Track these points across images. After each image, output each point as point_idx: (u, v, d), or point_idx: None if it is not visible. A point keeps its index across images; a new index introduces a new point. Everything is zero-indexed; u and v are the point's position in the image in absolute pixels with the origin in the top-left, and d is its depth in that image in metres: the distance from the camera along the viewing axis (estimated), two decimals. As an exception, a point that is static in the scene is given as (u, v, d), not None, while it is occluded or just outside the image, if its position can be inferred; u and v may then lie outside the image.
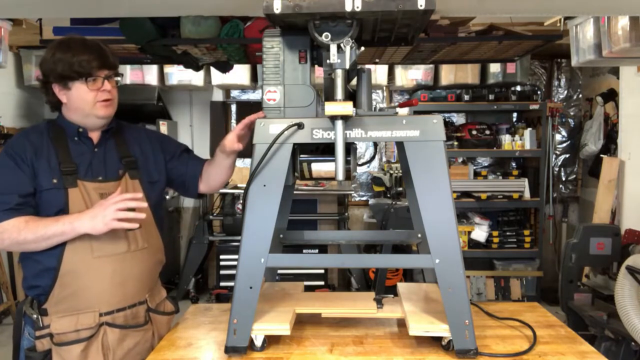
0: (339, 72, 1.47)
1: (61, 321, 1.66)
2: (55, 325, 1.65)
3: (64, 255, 1.64)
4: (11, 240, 1.62)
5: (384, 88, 5.53)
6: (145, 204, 1.71)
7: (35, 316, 1.67)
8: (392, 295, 1.82)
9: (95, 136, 1.77)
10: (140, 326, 1.76)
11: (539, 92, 5.27)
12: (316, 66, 1.66)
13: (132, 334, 1.73)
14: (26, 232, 1.60)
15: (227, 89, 5.67)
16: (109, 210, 1.59)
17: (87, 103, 1.69)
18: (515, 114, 5.52)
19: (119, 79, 1.77)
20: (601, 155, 4.52)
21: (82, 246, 1.65)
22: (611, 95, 4.51)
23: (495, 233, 4.95)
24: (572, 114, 5.59)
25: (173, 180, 1.94)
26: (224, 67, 3.17)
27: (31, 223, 1.62)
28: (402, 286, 1.92)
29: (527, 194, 4.96)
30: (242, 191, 1.60)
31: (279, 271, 2.31)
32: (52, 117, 1.81)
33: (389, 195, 5.05)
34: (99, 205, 1.62)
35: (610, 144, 4.57)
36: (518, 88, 5.10)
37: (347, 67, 1.44)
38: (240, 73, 5.03)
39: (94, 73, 1.68)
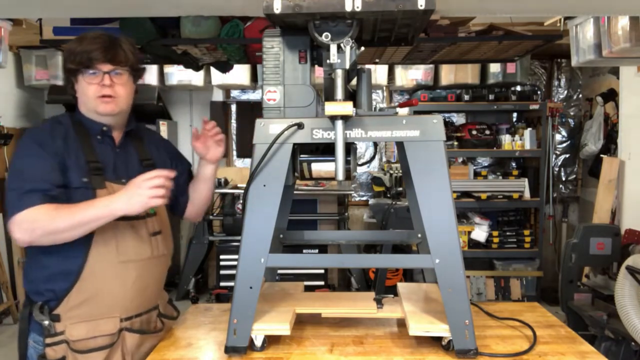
0: (339, 72, 1.47)
1: (77, 327, 1.59)
2: (71, 332, 1.58)
3: (88, 258, 1.58)
4: (43, 230, 1.49)
5: (384, 88, 5.53)
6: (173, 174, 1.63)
7: (46, 322, 1.58)
8: (392, 295, 1.82)
9: (117, 136, 1.72)
10: (158, 331, 1.75)
11: (539, 92, 5.27)
12: (316, 66, 1.66)
13: (149, 339, 1.71)
14: (59, 220, 1.49)
15: (227, 89, 5.67)
16: (144, 189, 1.52)
17: (88, 97, 1.64)
18: (515, 114, 5.52)
19: (123, 75, 1.66)
20: (601, 155, 4.52)
21: (108, 249, 1.61)
22: (611, 95, 4.51)
23: (495, 233, 4.95)
24: (572, 114, 5.59)
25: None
26: (224, 67, 3.18)
27: (63, 210, 1.51)
28: (402, 286, 1.92)
29: (527, 194, 4.96)
30: (242, 191, 1.59)
31: (279, 271, 2.31)
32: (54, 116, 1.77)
33: (389, 195, 5.05)
34: (132, 184, 1.54)
35: (610, 144, 4.57)
36: (518, 88, 5.10)
37: (347, 67, 1.44)
38: (240, 73, 5.03)
39: (92, 65, 1.61)
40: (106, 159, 1.67)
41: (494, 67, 4.95)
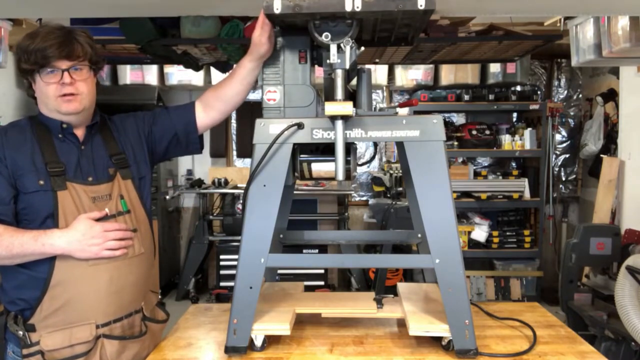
0: (339, 72, 1.47)
1: (52, 336, 1.53)
2: (46, 342, 1.52)
3: (55, 264, 1.52)
4: None
5: (384, 88, 5.53)
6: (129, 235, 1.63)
7: (21, 333, 1.52)
8: (392, 295, 1.82)
9: (80, 133, 1.63)
10: (139, 336, 1.67)
11: (539, 92, 5.27)
12: (316, 66, 1.66)
13: (131, 345, 1.64)
14: None
15: (227, 89, 5.66)
16: (101, 241, 1.53)
17: (48, 97, 1.56)
18: (515, 114, 5.53)
19: (83, 69, 1.57)
20: (601, 155, 4.52)
21: None
22: (611, 95, 4.51)
23: (495, 233, 4.95)
24: (572, 114, 5.59)
25: (168, 141, 1.77)
26: (224, 67, 3.17)
27: (5, 237, 1.48)
28: (402, 286, 1.92)
29: (527, 194, 4.96)
30: (242, 191, 1.59)
31: (279, 271, 2.31)
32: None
33: (389, 195, 5.05)
34: (88, 229, 1.52)
35: (610, 144, 4.57)
36: (518, 88, 5.11)
37: (347, 67, 1.44)
38: (240, 73, 5.02)
39: (48, 64, 1.52)
40: (69, 159, 1.59)
41: (494, 67, 4.95)
